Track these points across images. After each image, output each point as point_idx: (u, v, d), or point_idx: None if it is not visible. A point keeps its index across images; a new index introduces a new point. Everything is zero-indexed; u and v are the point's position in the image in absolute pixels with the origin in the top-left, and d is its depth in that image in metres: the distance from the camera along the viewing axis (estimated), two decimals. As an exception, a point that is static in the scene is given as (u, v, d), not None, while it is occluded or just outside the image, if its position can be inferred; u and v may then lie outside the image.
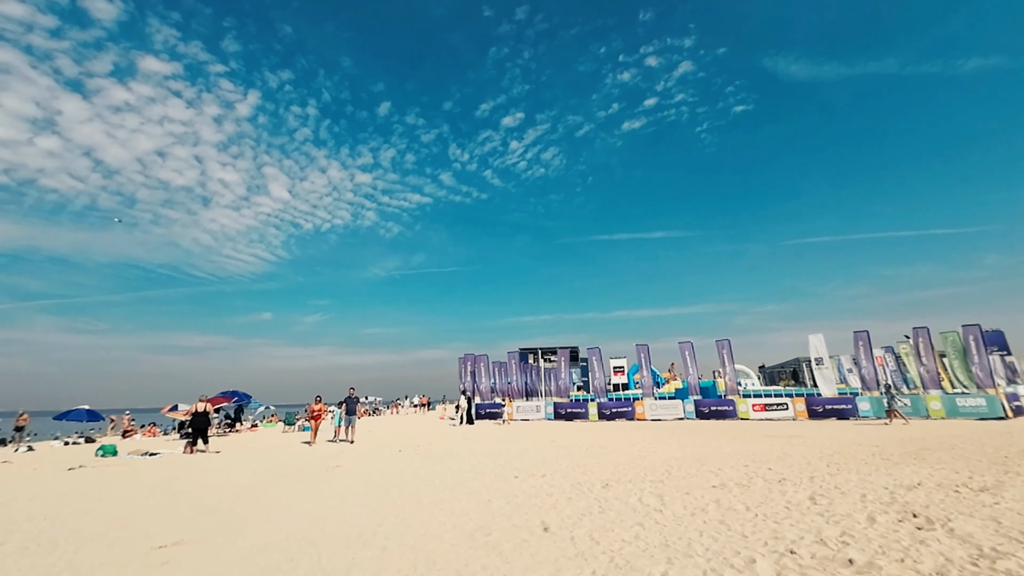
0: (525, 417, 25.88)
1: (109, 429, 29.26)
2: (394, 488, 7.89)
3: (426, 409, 45.80)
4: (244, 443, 17.61)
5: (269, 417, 36.23)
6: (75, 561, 4.62)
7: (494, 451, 12.55)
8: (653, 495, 6.78)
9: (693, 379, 24.83)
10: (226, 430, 22.74)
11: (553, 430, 19.03)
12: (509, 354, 30.54)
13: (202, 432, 14.28)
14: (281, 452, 14.00)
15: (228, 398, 21.69)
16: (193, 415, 14.51)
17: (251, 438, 20.32)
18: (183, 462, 12.21)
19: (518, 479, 8.44)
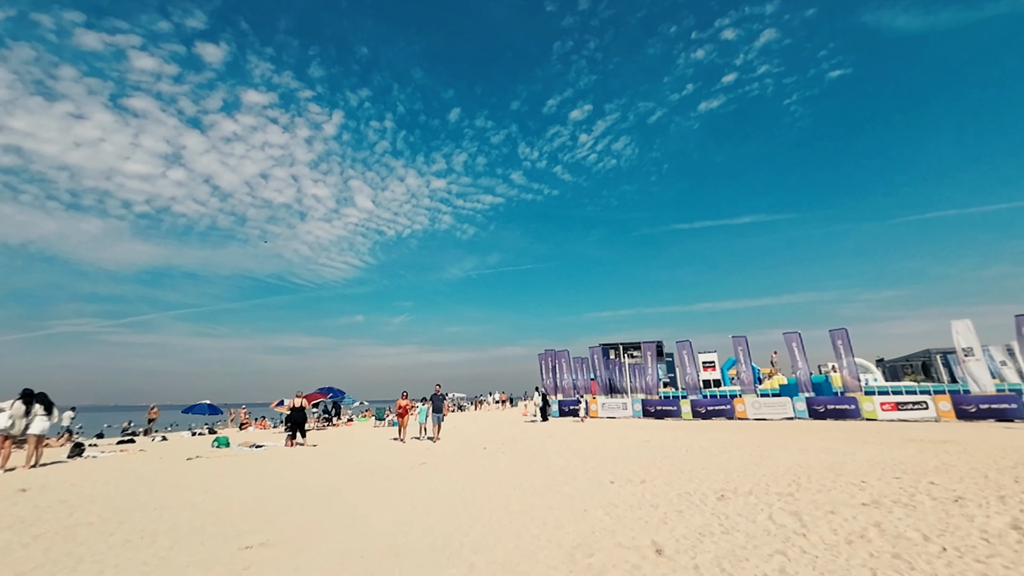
0: (611, 415, 24.65)
1: (229, 421, 32.59)
2: (480, 491, 7.38)
3: (507, 405, 45.92)
4: (339, 437, 18.38)
5: (363, 412, 38.29)
6: (167, 559, 4.57)
7: (582, 451, 11.71)
8: (786, 512, 5.57)
9: (803, 374, 22.02)
10: (324, 424, 24.10)
11: (644, 429, 17.71)
12: (591, 349, 29.39)
13: (300, 426, 15.00)
14: (371, 447, 14.27)
15: (324, 394, 22.97)
16: (291, 410, 15.29)
17: (345, 432, 21.28)
18: (283, 455, 12.80)
19: (614, 485, 7.55)
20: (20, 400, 10.57)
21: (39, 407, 10.80)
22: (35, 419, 10.75)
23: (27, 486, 8.51)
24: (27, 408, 10.61)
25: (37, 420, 10.76)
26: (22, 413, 10.55)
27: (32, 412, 10.67)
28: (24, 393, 10.70)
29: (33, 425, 10.69)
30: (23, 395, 10.67)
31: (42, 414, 10.81)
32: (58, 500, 7.23)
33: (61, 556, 4.70)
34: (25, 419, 10.61)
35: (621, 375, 31.50)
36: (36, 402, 10.77)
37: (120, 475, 9.78)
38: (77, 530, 5.60)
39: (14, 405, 10.47)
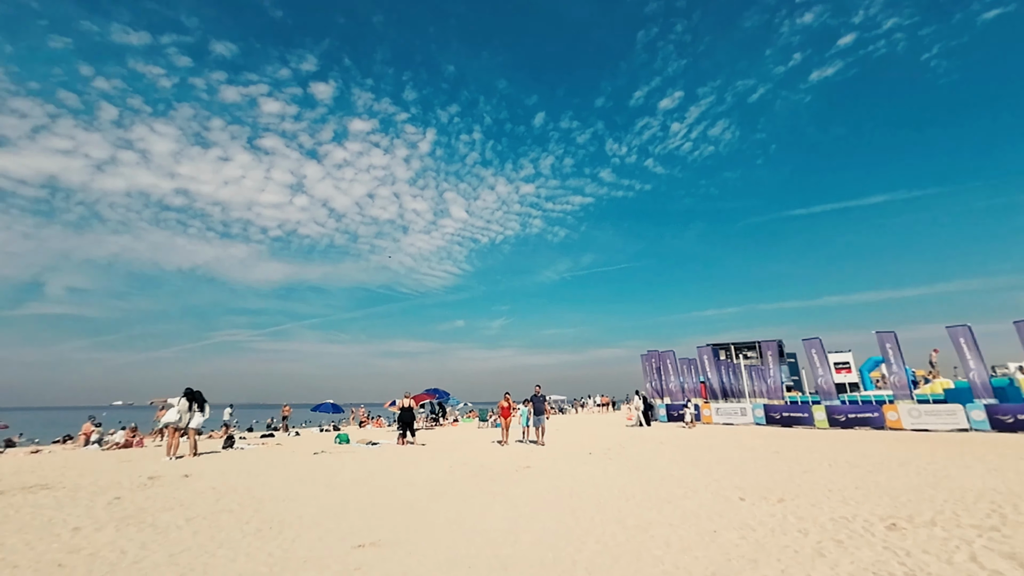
0: (727, 421, 22.45)
1: (350, 419, 35.69)
2: (589, 499, 6.85)
3: (609, 409, 44.42)
4: (445, 437, 18.96)
5: (467, 413, 39.55)
6: (289, 551, 4.74)
7: (699, 460, 10.58)
8: (996, 554, 4.27)
9: (979, 376, 18.03)
10: (432, 424, 25.16)
11: (770, 438, 15.73)
12: (699, 350, 27.16)
13: (409, 425, 15.67)
14: (475, 448, 14.40)
15: (431, 395, 24.03)
16: (401, 410, 16.04)
17: (451, 432, 21.96)
18: (395, 453, 13.40)
19: (745, 502, 6.56)
20: (184, 397, 12.32)
21: (195, 404, 12.51)
22: (195, 415, 12.46)
23: (189, 472, 9.79)
24: (190, 404, 12.33)
25: (196, 415, 12.48)
26: (187, 409, 12.28)
27: (193, 408, 12.39)
28: (187, 391, 12.46)
29: (192, 420, 12.40)
30: (186, 393, 12.42)
31: (198, 411, 12.51)
32: (209, 487, 8.14)
33: (205, 540, 5.13)
34: (189, 414, 12.33)
35: (736, 377, 28.69)
36: (194, 400, 12.48)
37: (259, 466, 10.88)
38: (220, 516, 6.16)
39: (180, 402, 12.23)
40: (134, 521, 5.88)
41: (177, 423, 12.07)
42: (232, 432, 23.18)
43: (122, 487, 8.15)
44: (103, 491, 7.79)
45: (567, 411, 44.48)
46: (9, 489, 8.07)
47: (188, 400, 12.27)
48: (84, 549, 4.84)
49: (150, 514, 6.24)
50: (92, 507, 6.62)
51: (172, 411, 12.11)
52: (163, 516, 6.11)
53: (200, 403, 12.57)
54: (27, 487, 8.25)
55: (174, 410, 12.14)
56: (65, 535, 5.31)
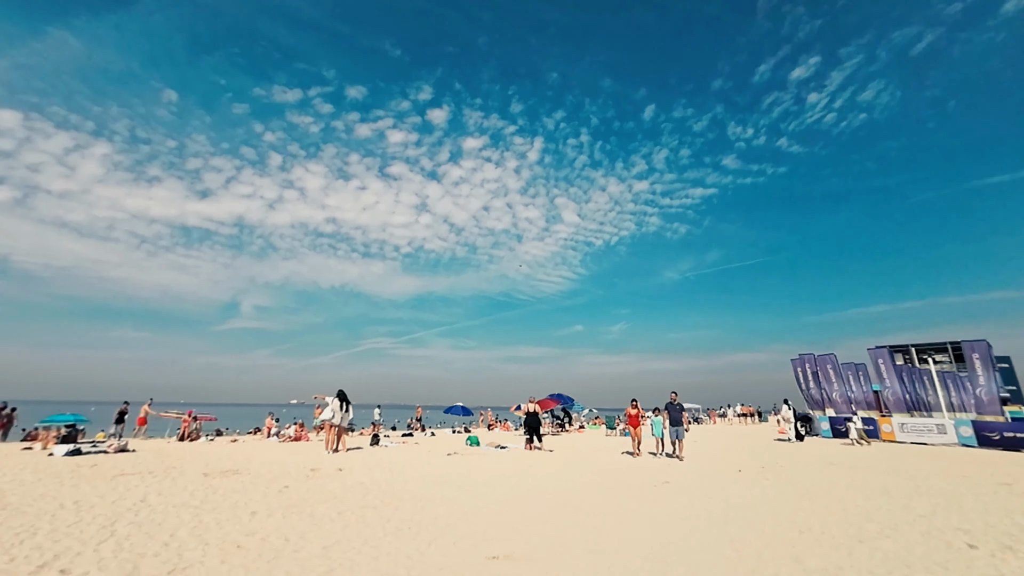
0: (918, 440, 18.33)
1: (479, 421, 37.21)
2: (751, 529, 5.81)
3: (753, 419, 39.71)
4: (572, 444, 18.47)
5: (593, 419, 38.59)
6: (425, 555, 4.69)
7: (888, 488, 8.55)
8: None
9: None
10: (557, 430, 24.87)
11: (987, 464, 12.31)
12: (871, 353, 22.78)
13: (535, 430, 15.53)
14: (606, 458, 13.68)
15: (555, 400, 23.79)
16: (527, 415, 15.99)
17: (578, 439, 21.39)
18: (522, 457, 13.31)
19: (978, 551, 4.95)
20: (336, 397, 13.76)
21: (345, 404, 13.89)
22: (346, 413, 13.85)
23: (343, 467, 10.76)
24: (342, 404, 13.72)
25: (347, 414, 13.87)
26: (340, 408, 13.69)
27: (343, 407, 13.78)
28: (340, 392, 13.89)
29: (343, 418, 13.79)
30: (339, 394, 13.86)
31: (346, 410, 13.89)
32: (358, 482, 8.77)
33: (352, 536, 5.37)
34: (341, 413, 13.73)
35: (925, 387, 23.44)
36: (344, 400, 13.87)
37: (400, 464, 11.57)
38: (366, 512, 6.48)
39: (334, 401, 13.69)
40: (296, 510, 6.46)
41: (332, 420, 13.50)
42: (378, 431, 25.51)
43: (290, 477, 9.20)
44: (276, 479, 8.86)
45: (703, 421, 40.89)
46: (213, 472, 9.62)
47: (340, 400, 13.66)
48: (257, 533, 5.37)
49: (309, 505, 6.83)
50: (266, 494, 7.49)
51: (328, 409, 13.59)
52: (320, 508, 6.63)
53: (346, 403, 13.93)
54: (225, 471, 9.77)
55: (329, 408, 13.59)
56: (244, 518, 6.01)
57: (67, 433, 19.90)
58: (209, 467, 10.33)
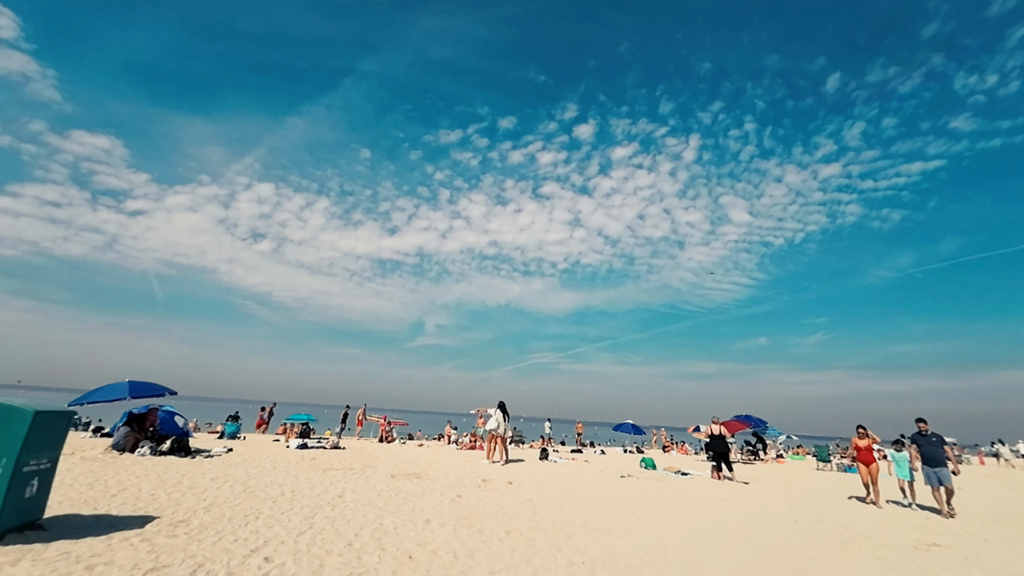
0: None
1: (652, 442, 34.52)
2: None
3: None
4: (772, 477, 15.42)
5: (794, 448, 32.56)
6: (605, 607, 3.83)
7: None
8: None
9: None
10: (749, 458, 21.36)
11: None
12: None
13: (724, 457, 13.29)
14: (824, 500, 10.86)
15: (743, 423, 20.40)
16: (710, 437, 13.84)
17: (778, 472, 17.88)
18: (711, 489, 11.38)
19: None
20: (498, 408, 13.95)
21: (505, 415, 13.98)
22: (507, 424, 13.95)
23: (513, 480, 10.56)
24: (504, 415, 13.84)
25: (507, 425, 13.95)
26: (502, 419, 13.82)
27: (504, 418, 13.87)
28: (500, 404, 14.09)
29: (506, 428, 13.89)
30: (500, 405, 14.04)
31: (507, 421, 13.93)
32: (527, 498, 8.35)
33: (520, 561, 4.81)
34: (503, 424, 13.84)
35: None
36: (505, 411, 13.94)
37: (571, 482, 10.89)
38: (535, 535, 5.91)
39: (496, 412, 13.89)
40: (467, 523, 6.24)
41: (496, 430, 13.67)
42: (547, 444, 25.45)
43: (463, 486, 9.28)
44: (451, 487, 9.01)
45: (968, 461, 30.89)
46: (399, 474, 10.35)
47: (501, 411, 13.81)
48: (428, 544, 5.22)
49: (479, 518, 6.57)
50: (441, 502, 7.55)
51: (492, 420, 13.79)
52: (489, 523, 6.31)
53: (507, 415, 13.99)
54: (408, 474, 10.43)
55: (493, 419, 13.79)
56: (419, 525, 5.99)
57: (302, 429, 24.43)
58: (396, 469, 11.18)
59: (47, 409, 4.55)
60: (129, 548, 4.40)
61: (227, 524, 5.41)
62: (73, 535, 4.62)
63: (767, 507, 9.14)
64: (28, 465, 4.38)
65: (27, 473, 4.39)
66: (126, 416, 12.06)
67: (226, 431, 19.43)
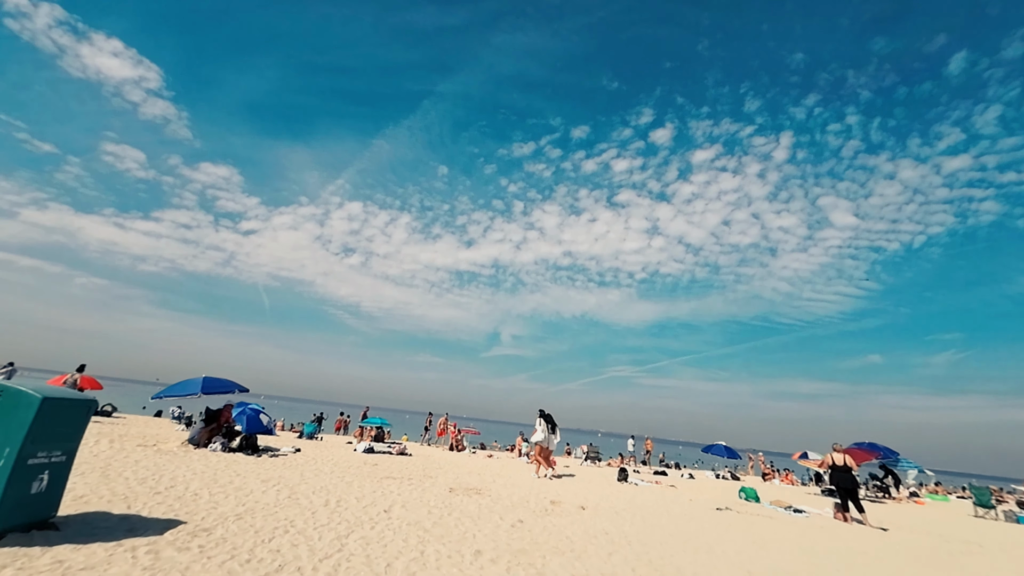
0: None
1: (748, 467, 30.70)
2: None
3: None
4: (914, 523, 12.41)
5: (930, 486, 27.24)
6: None
7: None
8: None
9: None
10: (878, 495, 17.82)
11: None
12: None
13: (851, 494, 10.78)
14: (998, 561, 8.21)
15: (870, 452, 16.98)
16: (832, 468, 11.35)
17: (919, 515, 14.53)
18: (837, 534, 9.12)
19: None
20: (542, 418, 13.03)
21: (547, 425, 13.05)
22: (554, 436, 13.12)
23: (586, 504, 9.16)
24: (550, 426, 12.87)
25: (553, 437, 13.10)
26: (546, 428, 12.84)
27: (551, 429, 13.00)
28: (542, 412, 13.14)
29: (551, 440, 13.10)
30: (544, 415, 13.08)
31: (552, 431, 13.04)
32: (602, 530, 6.96)
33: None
34: (548, 435, 12.91)
35: None
36: (550, 421, 12.99)
37: (654, 512, 9.26)
38: None
39: (540, 423, 12.99)
40: (524, 560, 5.06)
41: (542, 442, 12.87)
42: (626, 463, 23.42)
43: (527, 507, 8.09)
44: (513, 508, 7.87)
45: None
46: (459, 488, 9.42)
47: (546, 421, 12.88)
48: (472, 587, 4.13)
49: (541, 552, 5.36)
50: (499, 526, 6.43)
51: (538, 431, 12.82)
52: (552, 563, 5.07)
53: (553, 425, 13.06)
54: (469, 488, 9.46)
55: (540, 431, 12.80)
56: (467, 558, 4.92)
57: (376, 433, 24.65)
58: (458, 481, 10.27)
59: (59, 396, 4.13)
60: (129, 561, 3.80)
61: (251, 537, 4.73)
62: (83, 538, 4.15)
63: (925, 566, 6.90)
64: (35, 457, 3.96)
65: (34, 466, 3.96)
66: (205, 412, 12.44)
67: (305, 431, 19.99)
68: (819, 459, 25.65)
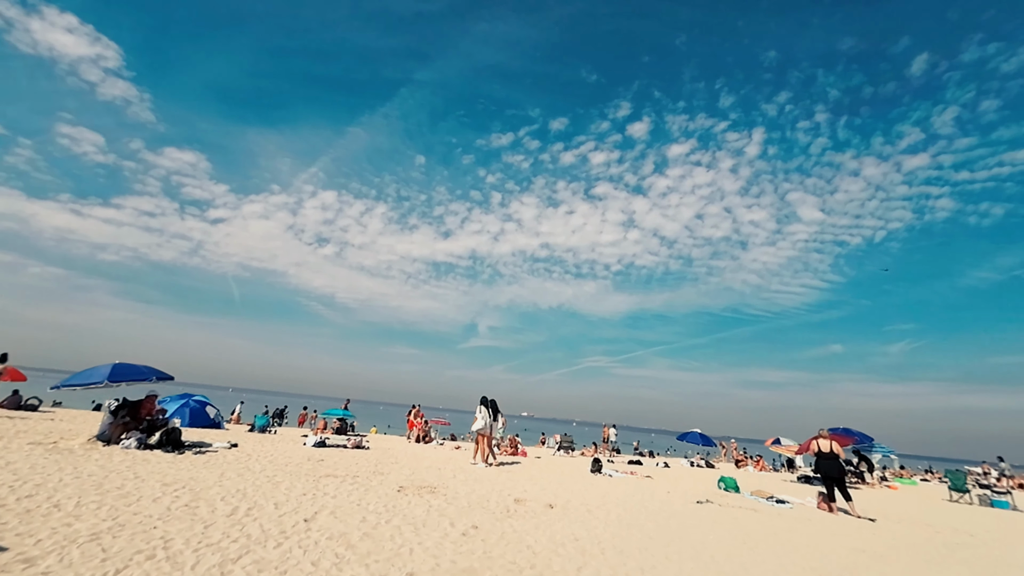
0: None
1: (722, 454, 30.57)
2: None
3: None
4: (896, 510, 11.94)
5: (896, 470, 27.60)
6: None
7: None
8: None
9: None
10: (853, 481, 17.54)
11: None
12: None
13: (838, 483, 10.13)
14: (996, 551, 7.60)
15: (846, 437, 16.65)
16: (817, 455, 10.69)
17: (896, 501, 14.19)
18: (827, 528, 8.39)
19: None
20: (483, 405, 12.48)
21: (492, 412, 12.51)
22: (496, 423, 12.72)
23: (555, 502, 8.15)
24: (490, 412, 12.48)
25: (496, 424, 12.78)
26: (490, 416, 12.44)
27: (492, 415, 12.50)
28: (484, 399, 12.56)
29: (493, 427, 12.65)
30: (484, 401, 12.53)
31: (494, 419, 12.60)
32: (570, 535, 5.90)
33: None
34: (490, 421, 12.47)
35: None
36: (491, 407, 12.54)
37: (632, 508, 8.33)
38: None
39: (480, 409, 12.45)
40: (470, 584, 3.96)
41: (483, 429, 12.43)
42: (601, 454, 22.71)
43: (487, 507, 7.00)
44: (469, 509, 6.77)
45: None
46: (410, 486, 8.25)
47: (487, 407, 12.44)
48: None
49: (493, 569, 4.27)
50: (446, 536, 5.30)
51: (479, 419, 12.46)
52: None
53: (495, 411, 12.70)
54: (422, 487, 8.31)
55: (480, 418, 12.46)
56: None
57: (339, 426, 23.17)
58: (412, 478, 9.11)
59: None
60: None
61: (90, 570, 3.45)
62: None
63: (929, 564, 6.15)
64: None
65: None
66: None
67: (256, 424, 18.42)
68: (792, 445, 25.55)
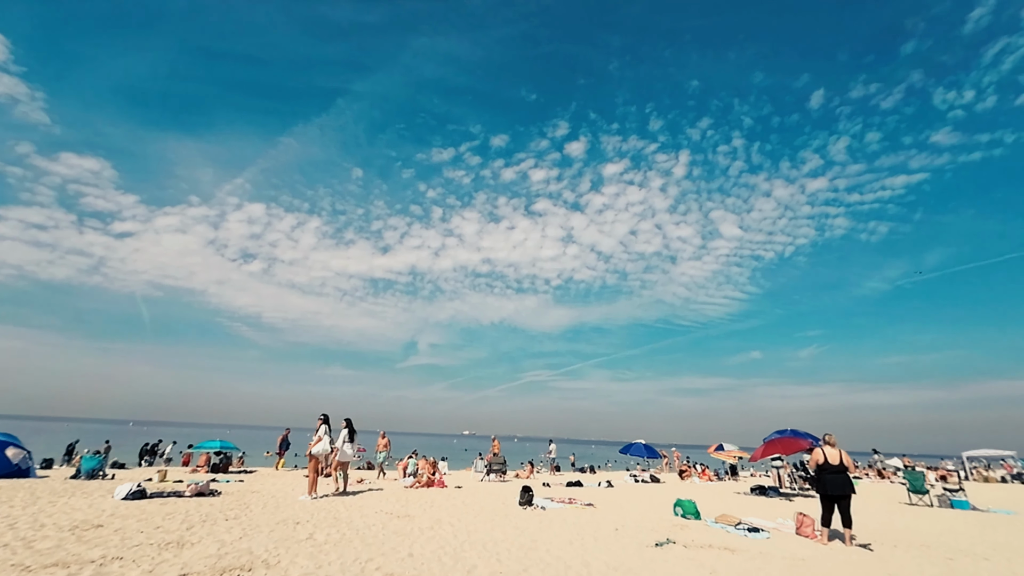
0: None
1: (664, 464, 28.94)
2: None
3: None
4: (865, 522, 10.25)
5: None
6: None
7: None
8: None
9: None
10: (804, 487, 16.08)
11: None
12: None
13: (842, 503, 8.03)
14: None
15: (798, 440, 15.09)
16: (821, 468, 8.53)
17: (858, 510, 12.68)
18: (823, 566, 6.18)
19: None
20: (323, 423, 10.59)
21: (345, 433, 10.85)
22: (344, 445, 10.91)
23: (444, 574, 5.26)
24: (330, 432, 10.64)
25: (346, 446, 10.92)
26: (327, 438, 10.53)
27: (341, 438, 10.79)
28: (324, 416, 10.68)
29: (342, 451, 10.89)
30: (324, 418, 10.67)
31: (347, 440, 10.89)
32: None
33: None
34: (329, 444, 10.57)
35: None
36: (346, 429, 10.91)
37: (570, 568, 5.64)
38: None
39: (321, 428, 10.49)
40: None
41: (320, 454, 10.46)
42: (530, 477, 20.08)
43: None
44: None
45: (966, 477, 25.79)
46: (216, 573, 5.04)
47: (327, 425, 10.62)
48: None
49: None
50: None
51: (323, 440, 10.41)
52: None
53: (351, 432, 11.05)
54: (234, 568, 5.12)
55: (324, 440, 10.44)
56: None
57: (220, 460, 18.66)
58: (228, 549, 5.83)
59: None
60: None
61: None
62: None
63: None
64: None
65: None
66: None
67: (82, 468, 13.89)
68: (734, 449, 24.35)
